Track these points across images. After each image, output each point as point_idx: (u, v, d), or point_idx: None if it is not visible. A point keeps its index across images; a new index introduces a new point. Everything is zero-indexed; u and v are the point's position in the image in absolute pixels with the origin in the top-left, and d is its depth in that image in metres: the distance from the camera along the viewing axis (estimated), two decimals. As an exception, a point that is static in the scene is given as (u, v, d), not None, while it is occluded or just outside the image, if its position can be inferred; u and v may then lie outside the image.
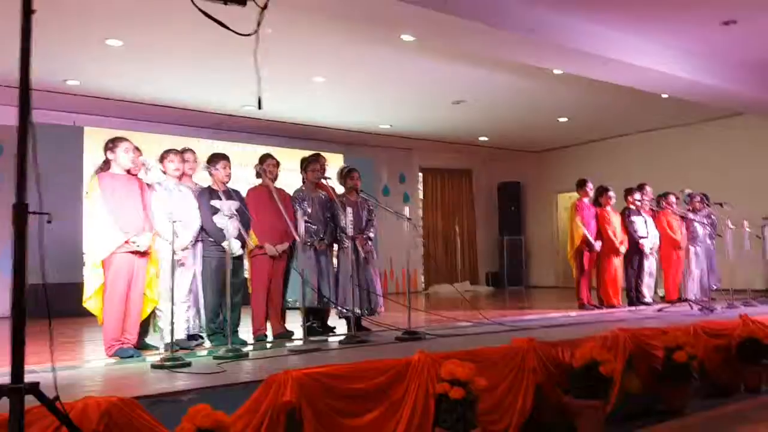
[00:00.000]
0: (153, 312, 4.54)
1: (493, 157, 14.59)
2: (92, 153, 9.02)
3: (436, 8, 5.73)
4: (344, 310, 5.26)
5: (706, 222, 7.85)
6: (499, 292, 12.94)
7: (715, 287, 7.99)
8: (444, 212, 14.45)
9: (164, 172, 4.70)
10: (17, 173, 2.10)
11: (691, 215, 7.80)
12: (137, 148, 4.42)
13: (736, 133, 11.09)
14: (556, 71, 8.32)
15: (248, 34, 2.18)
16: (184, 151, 4.87)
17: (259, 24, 2.23)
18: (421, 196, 14.19)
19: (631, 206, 7.72)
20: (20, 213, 2.05)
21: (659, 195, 7.97)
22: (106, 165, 4.36)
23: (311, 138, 11.61)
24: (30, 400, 2.04)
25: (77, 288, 4.56)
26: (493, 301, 10.39)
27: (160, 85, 8.84)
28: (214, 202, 4.59)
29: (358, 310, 5.15)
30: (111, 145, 4.32)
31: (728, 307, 6.80)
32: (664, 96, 9.42)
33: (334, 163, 8.40)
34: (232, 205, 4.39)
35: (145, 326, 4.59)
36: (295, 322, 5.42)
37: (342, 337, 4.82)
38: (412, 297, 5.20)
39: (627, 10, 6.81)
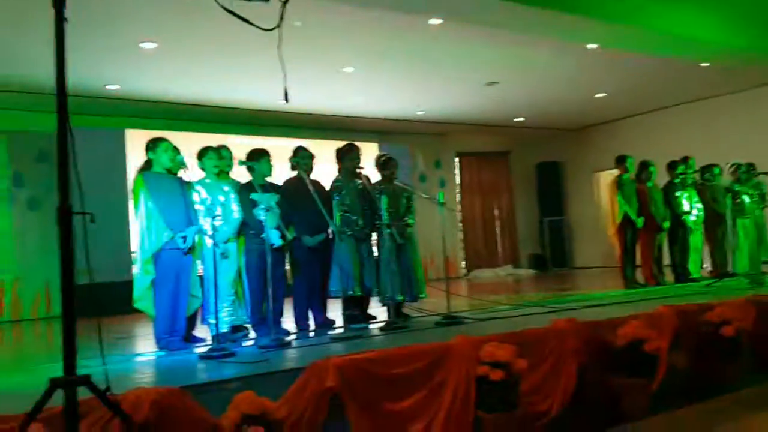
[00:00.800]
0: (200, 305, 4.67)
1: (530, 137, 14.38)
2: (134, 154, 9.28)
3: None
4: (385, 297, 5.30)
5: (753, 192, 7.60)
6: (543, 275, 12.81)
7: (765, 259, 7.74)
8: (482, 196, 14.35)
9: (202, 170, 4.81)
10: (59, 177, 2.19)
11: (737, 187, 7.57)
12: (176, 148, 4.54)
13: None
14: (591, 46, 8.15)
15: (271, 29, 2.21)
16: (220, 148, 4.98)
17: (281, 18, 2.26)
18: (458, 180, 14.11)
19: (675, 180, 7.53)
20: (64, 215, 2.14)
21: (703, 167, 7.74)
22: (147, 164, 4.50)
23: (344, 129, 11.66)
24: (83, 393, 2.15)
25: (127, 286, 4.72)
26: (536, 283, 10.30)
27: (194, 85, 9.00)
28: (254, 196, 4.68)
29: (399, 297, 5.19)
30: (151, 145, 4.46)
31: (780, 279, 6.60)
32: (704, 64, 9.13)
33: (369, 152, 8.45)
34: (270, 199, 4.47)
35: (193, 320, 4.73)
36: (336, 311, 5.48)
37: (382, 324, 4.87)
38: (452, 282, 5.20)
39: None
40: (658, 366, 3.95)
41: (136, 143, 9.35)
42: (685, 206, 7.41)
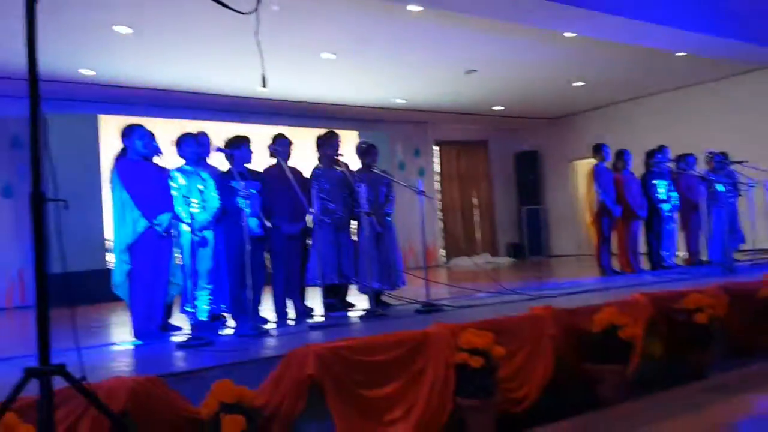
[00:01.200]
0: (178, 293, 4.63)
1: (508, 126, 14.46)
2: (108, 141, 9.13)
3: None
4: (364, 285, 5.30)
5: (727, 182, 7.72)
6: (520, 263, 12.92)
7: (738, 247, 7.89)
8: (461, 185, 14.39)
9: (182, 156, 4.74)
10: (32, 163, 2.14)
11: (712, 175, 7.68)
12: (151, 134, 4.47)
13: (755, 89, 10.83)
14: (568, 34, 8.19)
15: (248, 12, 2.18)
16: (199, 134, 4.92)
17: (258, 2, 2.23)
18: (437, 169, 14.14)
19: (653, 169, 7.61)
20: (37, 202, 2.10)
21: (678, 156, 7.85)
22: (123, 152, 4.43)
23: (324, 116, 11.60)
24: (58, 383, 2.12)
25: (100, 274, 4.67)
26: (513, 271, 10.39)
27: (170, 71, 8.87)
28: (234, 184, 4.64)
29: (377, 285, 5.19)
30: (126, 131, 4.39)
31: (751, 266, 6.73)
32: (679, 54, 9.23)
33: (350, 140, 8.40)
34: (250, 186, 4.43)
35: (170, 309, 4.68)
36: (315, 300, 5.48)
37: (362, 313, 4.88)
38: (432, 271, 5.22)
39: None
40: (633, 352, 4.01)
41: (109, 129, 9.20)
42: (662, 195, 7.51)
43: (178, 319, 4.82)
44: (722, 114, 11.16)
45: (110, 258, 4.52)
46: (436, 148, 14.13)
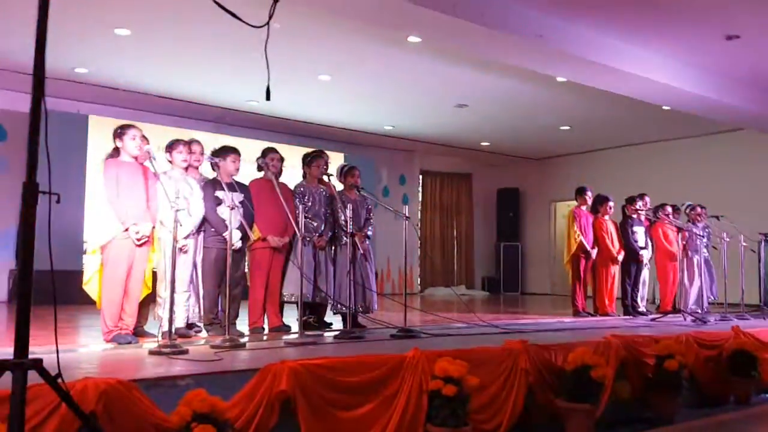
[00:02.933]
0: (152, 299, 4.58)
1: (493, 162, 14.65)
2: (96, 142, 9.07)
3: (444, 11, 5.78)
4: (340, 306, 5.30)
5: (703, 234, 7.90)
6: (495, 297, 12.98)
7: (711, 299, 8.04)
8: (442, 216, 14.50)
9: (170, 162, 4.74)
10: (28, 152, 2.13)
11: (693, 227, 7.85)
12: (144, 137, 4.46)
13: (736, 149, 11.17)
14: (560, 79, 8.39)
15: (260, 26, 2.22)
16: (191, 142, 4.92)
17: (270, 16, 2.27)
18: (420, 198, 14.23)
19: (633, 215, 7.76)
20: (30, 192, 2.09)
21: (656, 206, 8.01)
22: (115, 152, 4.41)
23: (313, 136, 11.66)
24: (32, 379, 2.08)
25: (75, 275, 4.61)
26: (488, 305, 10.43)
27: (165, 77, 8.89)
28: (219, 194, 4.64)
29: (353, 307, 5.19)
30: (119, 131, 4.37)
31: (721, 319, 6.85)
32: (666, 108, 9.49)
33: (335, 161, 8.45)
34: (235, 197, 4.44)
35: (144, 313, 4.63)
36: (292, 317, 5.46)
37: (338, 333, 4.86)
38: (408, 298, 5.23)
39: (633, 21, 6.87)
40: (603, 392, 4.05)
41: (99, 130, 9.15)
42: (641, 241, 7.64)
43: (152, 325, 4.76)
44: (701, 169, 11.46)
45: (84, 260, 4.47)
46: (420, 177, 14.25)
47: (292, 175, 5.86)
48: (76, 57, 8.07)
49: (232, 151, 4.92)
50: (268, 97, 2.56)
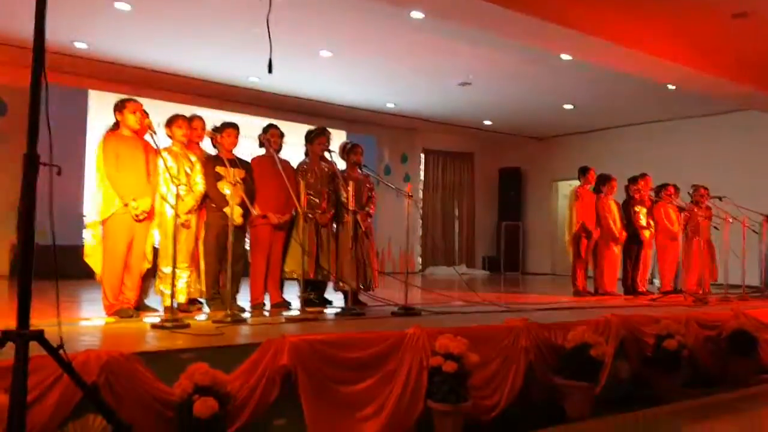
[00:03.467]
0: (154, 274, 4.58)
1: (495, 141, 14.58)
2: (97, 117, 9.02)
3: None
4: (341, 283, 5.30)
5: (705, 215, 7.88)
6: (495, 277, 13.01)
7: (713, 280, 8.05)
8: (444, 195, 14.47)
9: (170, 137, 4.71)
10: (29, 124, 2.11)
11: (695, 208, 7.84)
12: (145, 112, 4.43)
13: (741, 129, 11.10)
14: (565, 57, 8.30)
15: (263, -3, 2.18)
16: (192, 118, 4.88)
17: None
18: (422, 177, 14.20)
19: (635, 196, 7.73)
20: (31, 163, 2.08)
21: (658, 186, 7.98)
22: (116, 126, 4.39)
23: (314, 113, 11.59)
24: (34, 351, 2.09)
25: (76, 250, 4.61)
26: (489, 285, 10.46)
27: (166, 52, 8.80)
28: (219, 169, 4.62)
29: (354, 284, 5.20)
30: (119, 105, 4.34)
31: (722, 300, 6.86)
32: (671, 87, 9.42)
33: (337, 139, 8.41)
34: (236, 173, 4.42)
35: (144, 288, 4.63)
36: (293, 294, 5.47)
37: (338, 310, 4.88)
38: (408, 277, 5.24)
39: (639, -1, 6.80)
40: (603, 371, 4.08)
41: (99, 105, 9.10)
42: (643, 221, 7.63)
43: (154, 300, 4.77)
44: (705, 150, 11.39)
45: (85, 233, 4.47)
46: (422, 155, 14.20)
47: (292, 152, 5.83)
48: (76, 31, 7.99)
49: (230, 125, 4.89)
50: (270, 70, 2.53)
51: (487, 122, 12.98)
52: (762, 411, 4.51)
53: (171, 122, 4.70)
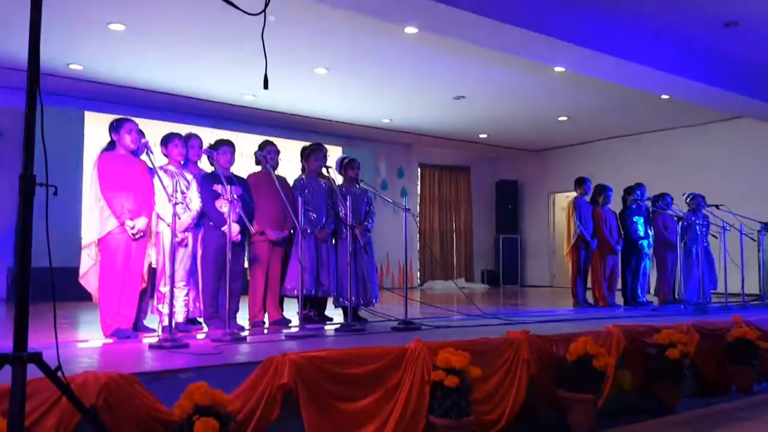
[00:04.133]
0: (150, 294, 4.56)
1: (492, 154, 14.63)
2: (93, 138, 9.03)
3: (440, 0, 5.73)
4: (341, 300, 5.28)
5: (702, 223, 7.89)
6: (495, 290, 12.98)
7: (712, 288, 8.04)
8: (441, 209, 14.48)
9: (166, 156, 4.71)
10: (24, 144, 2.10)
11: (692, 217, 7.84)
12: (141, 131, 4.43)
13: (735, 137, 11.15)
14: (558, 69, 8.35)
15: (256, 14, 2.19)
16: (189, 136, 4.88)
17: (267, 3, 2.24)
18: (419, 191, 14.21)
19: (632, 206, 7.75)
20: (27, 184, 2.06)
21: (655, 195, 8.00)
22: (111, 146, 4.38)
23: (310, 130, 11.63)
24: (32, 374, 2.06)
25: (73, 272, 4.58)
26: (488, 298, 10.42)
27: (160, 72, 8.84)
28: (217, 187, 4.62)
29: (354, 300, 5.17)
30: (115, 125, 4.34)
31: (722, 309, 6.85)
32: (664, 97, 9.47)
33: (333, 155, 8.42)
34: (233, 191, 4.41)
35: (142, 308, 4.60)
36: (292, 311, 5.44)
37: (338, 326, 4.85)
38: (407, 291, 5.21)
39: (632, 9, 6.84)
40: (606, 382, 4.05)
41: (95, 126, 9.11)
42: (641, 231, 7.63)
43: (153, 321, 4.74)
44: (700, 159, 11.45)
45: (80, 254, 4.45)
46: (419, 170, 14.23)
47: (289, 169, 5.85)
48: (70, 53, 8.02)
49: (226, 143, 4.88)
50: (266, 86, 2.53)
51: (483, 135, 13.02)
52: (765, 419, 4.47)
53: (167, 141, 4.70)
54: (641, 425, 4.09)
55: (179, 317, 4.51)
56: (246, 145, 5.63)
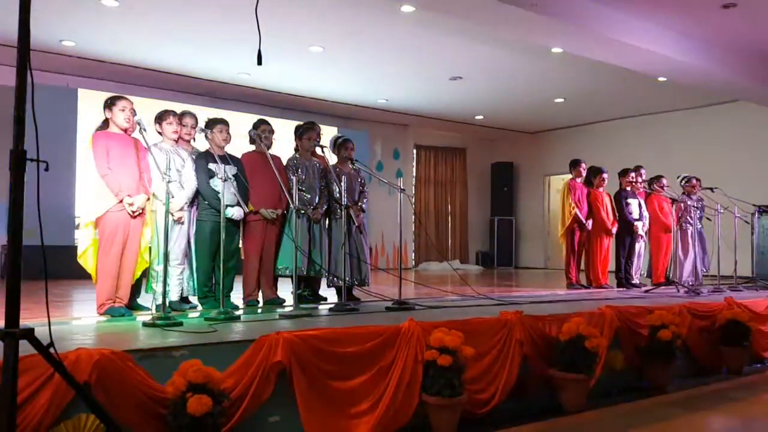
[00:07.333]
0: (146, 272, 4.54)
1: (487, 136, 14.60)
2: (86, 115, 8.95)
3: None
4: (335, 279, 5.28)
5: (697, 206, 7.91)
6: (489, 272, 13.03)
7: (705, 270, 8.08)
8: (436, 190, 14.47)
9: (160, 133, 4.67)
10: (15, 120, 2.08)
11: (687, 199, 7.86)
12: (134, 109, 4.38)
13: (731, 120, 11.15)
14: (555, 50, 8.30)
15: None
16: (183, 114, 4.84)
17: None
18: (414, 172, 14.19)
19: (627, 188, 7.76)
20: (18, 160, 2.04)
21: (651, 178, 8.01)
22: (105, 124, 4.34)
23: (306, 110, 11.56)
24: (24, 350, 2.06)
25: (67, 251, 4.56)
26: (482, 279, 10.46)
27: (154, 49, 8.75)
28: (211, 166, 4.59)
29: (349, 279, 5.17)
30: (109, 102, 4.29)
31: (714, 290, 6.89)
32: (661, 79, 9.44)
33: (328, 136, 8.38)
34: (228, 170, 4.38)
35: (137, 287, 4.59)
36: (286, 290, 5.44)
37: (332, 305, 4.86)
38: (402, 272, 5.22)
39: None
40: (598, 362, 4.08)
41: (89, 104, 9.03)
42: (635, 213, 7.65)
43: (146, 299, 4.73)
44: (695, 141, 11.45)
45: (78, 234, 4.42)
46: (414, 151, 14.19)
47: (283, 148, 5.80)
48: (63, 29, 7.92)
49: (220, 121, 4.84)
50: (259, 62, 2.50)
51: (479, 117, 12.98)
52: (755, 400, 4.52)
53: (161, 118, 4.65)
54: (632, 405, 4.13)
55: (173, 296, 4.51)
56: (240, 124, 5.58)
